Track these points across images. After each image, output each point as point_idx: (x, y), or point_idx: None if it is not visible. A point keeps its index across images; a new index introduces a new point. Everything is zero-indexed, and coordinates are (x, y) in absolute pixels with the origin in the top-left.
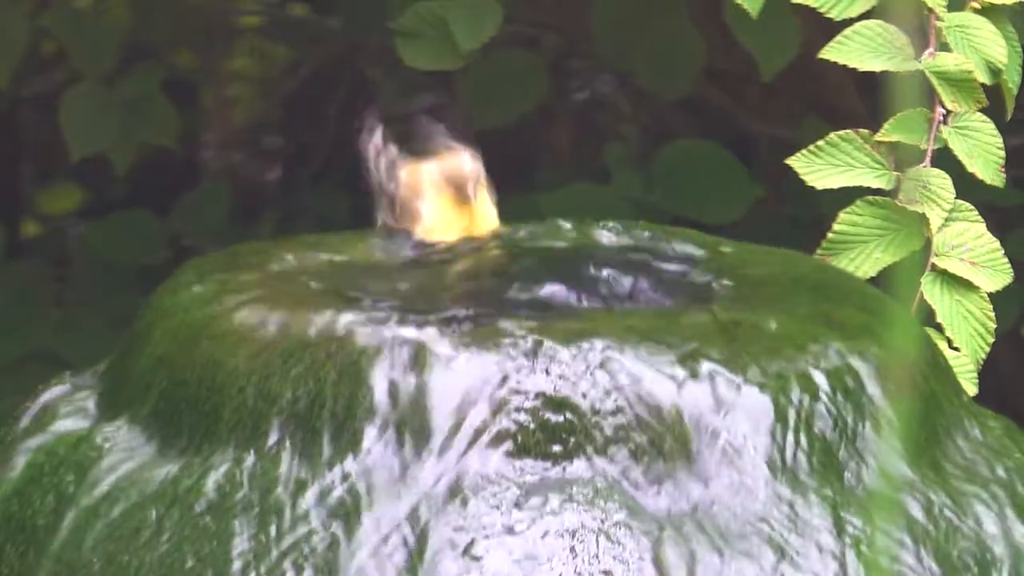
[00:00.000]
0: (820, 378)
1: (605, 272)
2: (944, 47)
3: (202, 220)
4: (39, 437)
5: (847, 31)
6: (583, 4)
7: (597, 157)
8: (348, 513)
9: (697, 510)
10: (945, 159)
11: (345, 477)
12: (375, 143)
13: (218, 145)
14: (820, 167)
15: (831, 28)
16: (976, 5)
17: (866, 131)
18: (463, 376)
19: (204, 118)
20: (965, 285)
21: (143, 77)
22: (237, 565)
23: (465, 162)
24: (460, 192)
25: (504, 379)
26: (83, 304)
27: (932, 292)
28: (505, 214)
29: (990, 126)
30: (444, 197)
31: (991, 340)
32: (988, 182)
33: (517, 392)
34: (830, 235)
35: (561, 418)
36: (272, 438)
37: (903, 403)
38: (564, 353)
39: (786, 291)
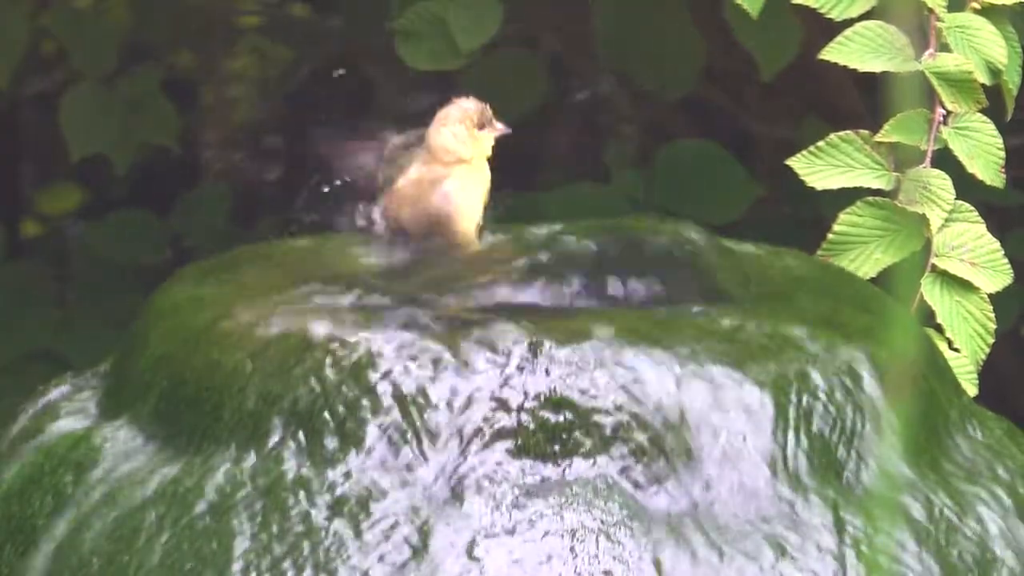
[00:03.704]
0: (820, 378)
1: (605, 272)
2: (944, 48)
3: (202, 220)
4: (39, 437)
5: (847, 32)
6: (583, 4)
7: (597, 157)
8: (350, 512)
9: (697, 510)
10: (945, 159)
11: (347, 476)
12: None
13: (218, 145)
14: (820, 167)
15: (831, 28)
16: (976, 5)
17: (866, 132)
18: (463, 376)
19: (204, 118)
20: (965, 286)
21: (143, 77)
22: (238, 565)
23: (467, 101)
24: (479, 119)
25: (504, 379)
26: (83, 304)
27: (932, 293)
28: (506, 214)
29: (990, 126)
30: (459, 127)
31: (991, 340)
32: (988, 182)
33: (517, 392)
34: (831, 235)
35: (561, 418)
36: (273, 438)
37: (903, 403)
38: (564, 353)
39: (786, 291)
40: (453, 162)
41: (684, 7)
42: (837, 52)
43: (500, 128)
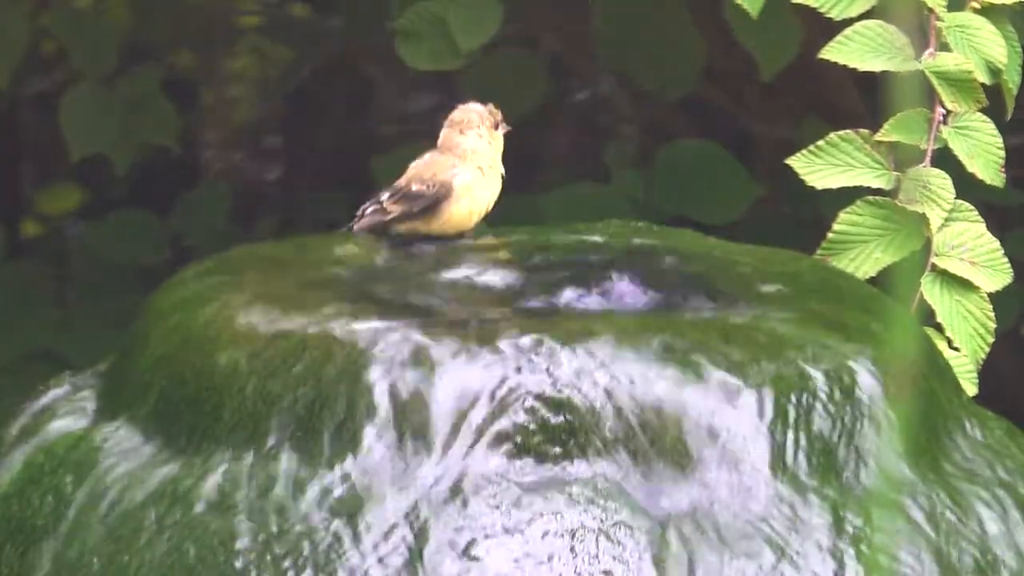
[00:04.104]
0: (819, 378)
1: (605, 273)
2: (944, 47)
3: (202, 220)
4: (38, 437)
5: (847, 31)
6: (583, 4)
7: (597, 157)
8: (348, 512)
9: (697, 510)
10: (945, 159)
11: (345, 477)
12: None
13: (218, 145)
14: (820, 167)
15: (831, 28)
16: (976, 5)
17: (866, 131)
18: (463, 376)
19: (204, 118)
20: (965, 285)
21: (143, 77)
22: (237, 565)
23: (475, 104)
24: (495, 120)
25: (504, 379)
26: (83, 304)
27: (932, 292)
28: (506, 214)
29: (990, 126)
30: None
31: (991, 340)
32: (988, 182)
33: (517, 392)
34: (830, 235)
35: (561, 418)
36: (272, 438)
37: (903, 403)
38: (564, 353)
39: (786, 291)
40: (485, 165)
41: (684, 7)
42: (837, 52)
43: (504, 127)
